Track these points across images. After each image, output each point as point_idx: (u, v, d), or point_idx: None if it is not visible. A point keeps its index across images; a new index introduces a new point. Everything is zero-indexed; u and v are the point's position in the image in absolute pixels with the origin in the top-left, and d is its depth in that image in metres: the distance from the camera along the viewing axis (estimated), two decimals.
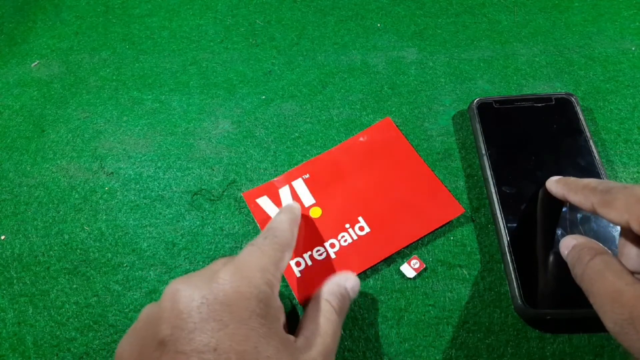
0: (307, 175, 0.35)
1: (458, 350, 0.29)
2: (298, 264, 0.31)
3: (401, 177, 0.34)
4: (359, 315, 0.31)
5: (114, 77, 0.43)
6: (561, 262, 0.28)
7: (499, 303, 0.31)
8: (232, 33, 0.46)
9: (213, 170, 0.37)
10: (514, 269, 0.30)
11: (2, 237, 0.34)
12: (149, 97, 0.42)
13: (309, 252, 0.31)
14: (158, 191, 0.36)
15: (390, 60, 0.43)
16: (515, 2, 0.47)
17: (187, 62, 0.44)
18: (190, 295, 0.21)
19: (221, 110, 0.40)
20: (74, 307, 0.31)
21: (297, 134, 0.39)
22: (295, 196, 0.34)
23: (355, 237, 0.32)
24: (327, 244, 0.32)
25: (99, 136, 0.39)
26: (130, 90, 0.42)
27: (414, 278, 0.32)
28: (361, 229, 0.32)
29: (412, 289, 0.31)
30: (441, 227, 0.33)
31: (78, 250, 0.34)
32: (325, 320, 0.25)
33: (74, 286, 0.32)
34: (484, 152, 0.35)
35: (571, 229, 0.31)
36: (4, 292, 0.32)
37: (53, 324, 0.31)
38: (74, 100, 0.42)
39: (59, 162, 0.38)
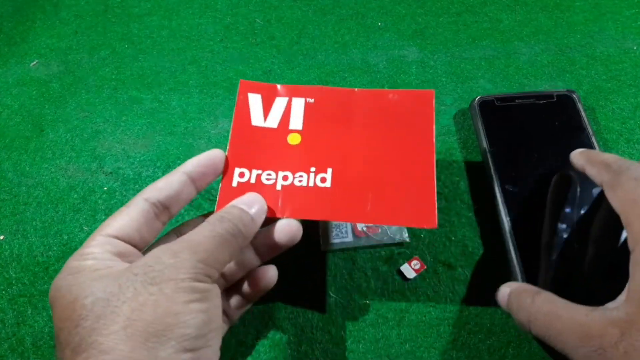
0: (312, 100, 0.31)
1: (459, 352, 0.29)
2: (241, 175, 0.28)
3: (398, 156, 0.29)
4: (358, 316, 0.30)
5: (113, 77, 0.43)
6: (567, 261, 0.27)
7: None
8: (232, 32, 0.46)
9: None
10: (519, 266, 0.30)
11: (1, 237, 0.34)
12: (148, 96, 0.41)
13: (259, 171, 0.28)
14: None
15: (391, 59, 0.43)
16: (517, 1, 0.47)
17: (186, 62, 0.44)
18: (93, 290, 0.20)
19: (221, 110, 0.40)
20: None
21: None
22: (286, 113, 0.30)
23: (311, 184, 0.28)
24: (280, 173, 0.28)
25: (98, 136, 0.39)
26: (129, 89, 0.42)
27: (415, 279, 0.31)
28: (323, 180, 0.28)
29: (412, 289, 0.31)
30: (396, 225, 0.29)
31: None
32: (208, 224, 0.23)
33: None
34: (486, 149, 0.35)
35: (579, 229, 0.30)
36: (3, 292, 0.32)
37: (52, 324, 0.31)
38: (73, 99, 0.41)
39: (57, 161, 0.38)
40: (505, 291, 0.26)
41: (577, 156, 0.28)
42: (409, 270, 0.31)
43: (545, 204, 0.32)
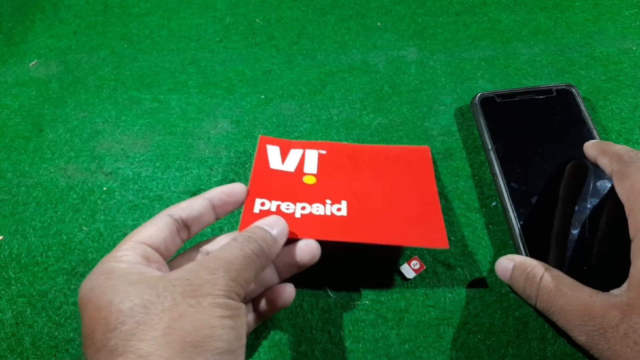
0: (324, 152, 0.34)
1: (459, 352, 0.29)
2: (262, 204, 0.30)
3: (405, 191, 0.33)
4: (358, 316, 0.30)
5: (113, 77, 0.43)
6: (577, 253, 0.28)
7: (500, 304, 0.30)
8: (232, 32, 0.46)
9: (212, 170, 0.37)
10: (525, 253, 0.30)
11: (0, 238, 0.34)
12: (148, 96, 0.41)
13: (279, 202, 0.30)
14: (157, 191, 0.36)
15: (391, 59, 0.43)
16: (516, 1, 0.47)
17: (186, 62, 0.43)
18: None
19: (220, 110, 0.40)
20: (73, 307, 0.31)
21: (296, 134, 0.39)
22: (302, 161, 0.34)
23: (328, 213, 0.31)
24: (298, 204, 0.31)
25: (97, 136, 0.39)
26: (128, 89, 0.42)
27: (414, 279, 0.31)
28: (338, 209, 0.31)
29: (412, 289, 0.31)
30: (412, 247, 0.31)
31: (76, 251, 0.33)
32: (237, 244, 0.24)
33: (72, 287, 0.32)
34: (490, 147, 0.35)
35: (589, 219, 0.31)
36: (2, 292, 0.32)
37: (51, 324, 0.31)
38: (73, 99, 0.41)
39: (57, 162, 0.38)
40: (506, 264, 0.27)
41: (590, 147, 0.29)
42: (409, 270, 0.31)
43: (550, 196, 0.32)
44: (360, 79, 0.41)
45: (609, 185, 0.32)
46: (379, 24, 0.46)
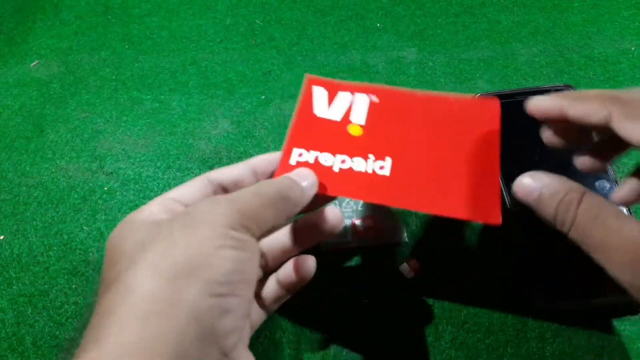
0: (377, 99, 0.30)
1: (458, 351, 0.29)
2: (300, 155, 0.28)
3: (462, 154, 0.29)
4: (358, 315, 0.31)
5: (114, 77, 0.43)
6: (577, 252, 0.28)
7: (499, 304, 0.30)
8: (232, 33, 0.46)
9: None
10: (532, 262, 0.30)
11: (2, 237, 0.34)
12: (149, 97, 0.41)
13: (317, 153, 0.28)
14: (157, 191, 0.36)
15: (390, 60, 0.43)
16: (515, 2, 0.47)
17: (186, 62, 0.44)
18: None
19: (221, 110, 0.40)
20: (74, 307, 0.31)
21: None
22: (349, 110, 0.30)
23: (369, 171, 0.27)
24: (338, 157, 0.28)
25: (98, 136, 0.39)
26: (129, 90, 0.42)
27: (414, 278, 0.31)
28: (381, 167, 0.28)
29: (411, 289, 0.31)
30: (456, 219, 0.27)
31: (77, 251, 0.34)
32: (253, 186, 0.23)
33: (73, 286, 0.32)
34: None
35: None
36: (3, 292, 0.32)
37: (52, 324, 0.31)
38: (74, 100, 0.42)
39: (58, 162, 0.38)
40: (531, 184, 0.23)
41: (552, 98, 0.23)
42: (408, 270, 0.32)
43: None
44: (360, 79, 0.42)
45: (608, 185, 0.32)
46: (378, 25, 0.46)
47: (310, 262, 0.27)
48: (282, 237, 0.27)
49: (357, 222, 0.33)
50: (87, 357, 0.17)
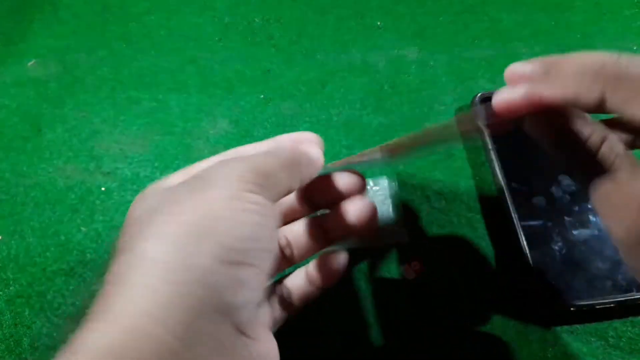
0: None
1: (458, 351, 0.29)
2: None
3: None
4: (358, 316, 0.30)
5: (111, 77, 0.43)
6: (577, 251, 0.28)
7: (500, 305, 0.30)
8: (231, 31, 0.45)
9: None
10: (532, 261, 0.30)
11: None
12: (147, 96, 0.41)
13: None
14: None
15: (391, 59, 0.43)
16: (517, 1, 0.46)
17: (185, 61, 0.43)
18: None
19: (219, 110, 0.40)
20: (71, 308, 0.31)
21: None
22: None
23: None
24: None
25: (95, 136, 0.39)
26: (127, 89, 0.42)
27: (414, 279, 0.31)
28: None
29: (412, 289, 0.31)
30: None
31: (75, 251, 0.33)
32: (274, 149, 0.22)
33: (71, 287, 0.32)
34: (490, 147, 0.35)
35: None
36: (0, 293, 0.32)
37: (50, 325, 0.31)
38: (71, 99, 0.41)
39: (55, 162, 0.38)
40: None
41: (519, 87, 0.19)
42: (409, 270, 0.31)
43: (551, 196, 0.32)
44: (360, 78, 0.41)
45: None
46: (379, 23, 0.45)
47: (342, 256, 0.26)
48: (302, 227, 0.26)
49: None
50: (94, 327, 0.16)
